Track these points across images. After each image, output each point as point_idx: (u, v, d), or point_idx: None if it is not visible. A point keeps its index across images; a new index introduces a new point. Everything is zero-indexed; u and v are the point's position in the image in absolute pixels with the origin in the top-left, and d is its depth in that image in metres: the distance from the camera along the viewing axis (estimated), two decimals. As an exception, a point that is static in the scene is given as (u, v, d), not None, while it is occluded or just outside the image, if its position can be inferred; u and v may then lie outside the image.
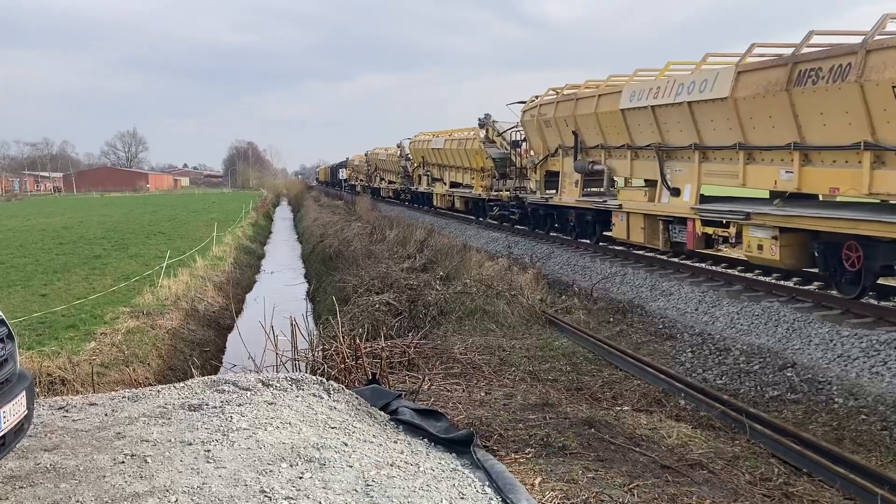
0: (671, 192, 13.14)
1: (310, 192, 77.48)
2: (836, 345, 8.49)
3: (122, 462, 4.40)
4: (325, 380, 6.32)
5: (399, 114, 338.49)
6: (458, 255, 16.03)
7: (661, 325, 10.85)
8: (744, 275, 12.34)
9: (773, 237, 10.33)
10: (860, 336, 8.45)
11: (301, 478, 4.18)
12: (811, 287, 10.90)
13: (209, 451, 4.56)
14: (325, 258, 22.39)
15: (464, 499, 4.14)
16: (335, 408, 5.68)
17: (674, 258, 14.42)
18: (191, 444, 4.68)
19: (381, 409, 5.83)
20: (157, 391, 6.05)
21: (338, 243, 22.78)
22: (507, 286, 12.51)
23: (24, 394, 4.19)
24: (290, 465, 4.36)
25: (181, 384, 6.19)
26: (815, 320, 9.27)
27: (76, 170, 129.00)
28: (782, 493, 5.16)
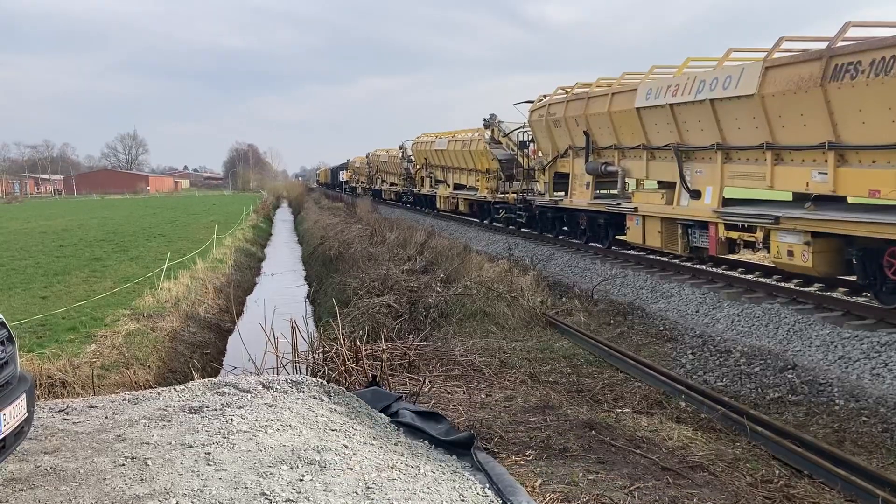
0: (691, 194, 12.59)
1: (310, 194, 77.51)
2: (836, 346, 8.49)
3: (123, 464, 4.40)
4: (325, 382, 6.33)
5: (400, 116, 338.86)
6: (459, 257, 16.03)
7: (662, 327, 10.84)
8: (744, 276, 12.34)
9: (805, 243, 9.74)
10: (861, 338, 8.44)
11: (301, 480, 4.18)
12: (812, 289, 10.89)
13: (209, 453, 4.56)
14: (325, 260, 22.39)
15: (464, 501, 4.14)
16: (336, 410, 5.68)
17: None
18: (191, 447, 4.68)
19: (381, 411, 5.84)
20: (158, 393, 6.05)
21: (338, 245, 22.79)
22: (507, 288, 12.50)
23: (24, 396, 4.19)
24: (291, 468, 4.36)
25: (181, 386, 6.19)
26: (816, 322, 9.27)
27: (76, 172, 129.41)
28: (783, 496, 5.16)
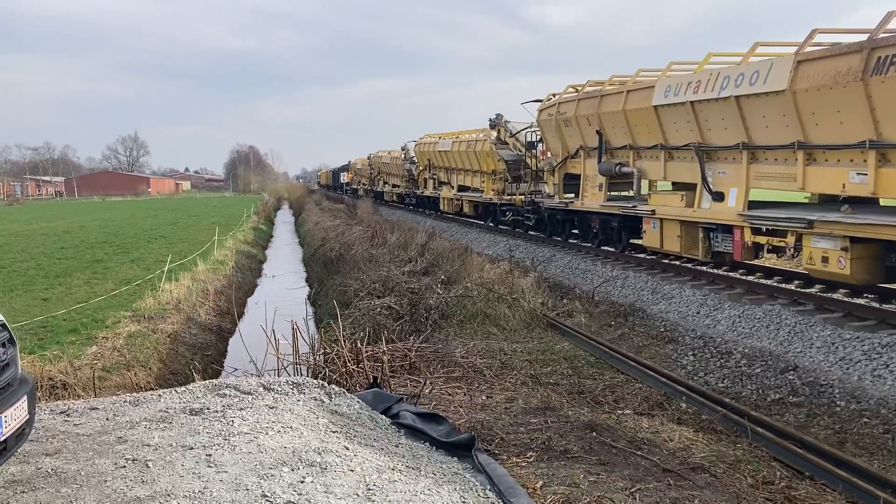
0: (713, 196, 12.04)
1: (311, 195, 77.51)
2: (837, 348, 8.48)
3: (124, 466, 4.40)
4: (326, 384, 6.33)
5: (400, 117, 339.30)
6: (460, 259, 16.01)
7: (663, 329, 10.84)
8: (745, 278, 12.32)
9: (843, 248, 9.22)
10: (862, 339, 8.44)
11: (303, 482, 4.18)
12: (812, 290, 10.88)
13: (210, 455, 4.56)
14: (326, 262, 22.39)
15: (465, 503, 4.14)
16: (337, 412, 5.69)
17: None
18: (192, 449, 4.68)
19: (382, 412, 5.84)
20: (159, 395, 6.05)
21: (339, 247, 22.79)
22: (508, 290, 12.50)
23: (25, 398, 4.20)
24: (292, 470, 4.36)
25: (182, 388, 6.19)
26: (817, 323, 9.26)
27: (77, 174, 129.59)
28: (785, 497, 5.16)
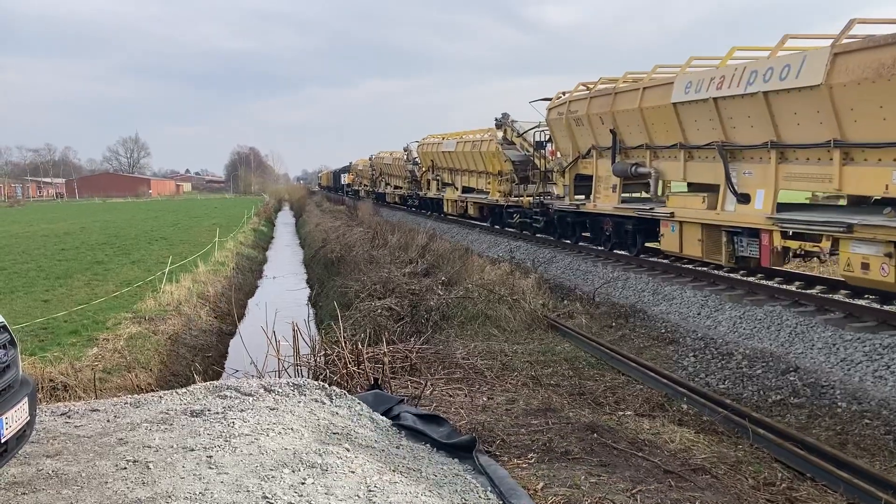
0: (739, 198, 11.46)
1: (312, 197, 77.62)
2: (838, 349, 8.47)
3: (125, 468, 4.40)
4: (327, 385, 6.33)
5: (401, 118, 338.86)
6: (460, 260, 16.01)
7: (664, 330, 10.83)
8: (746, 279, 12.30)
9: (886, 254, 8.70)
10: (863, 340, 8.43)
11: (303, 483, 4.17)
12: (814, 291, 10.88)
13: (211, 456, 4.56)
14: (327, 263, 22.40)
15: (466, 504, 4.14)
16: (337, 413, 5.68)
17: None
18: (193, 450, 4.68)
19: (383, 414, 5.84)
20: (160, 397, 6.05)
21: (340, 248, 22.80)
22: (508, 291, 12.50)
23: (26, 400, 4.20)
24: (293, 471, 4.36)
25: (183, 390, 6.19)
26: (818, 324, 9.25)
27: (78, 175, 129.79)
28: (786, 498, 5.15)
